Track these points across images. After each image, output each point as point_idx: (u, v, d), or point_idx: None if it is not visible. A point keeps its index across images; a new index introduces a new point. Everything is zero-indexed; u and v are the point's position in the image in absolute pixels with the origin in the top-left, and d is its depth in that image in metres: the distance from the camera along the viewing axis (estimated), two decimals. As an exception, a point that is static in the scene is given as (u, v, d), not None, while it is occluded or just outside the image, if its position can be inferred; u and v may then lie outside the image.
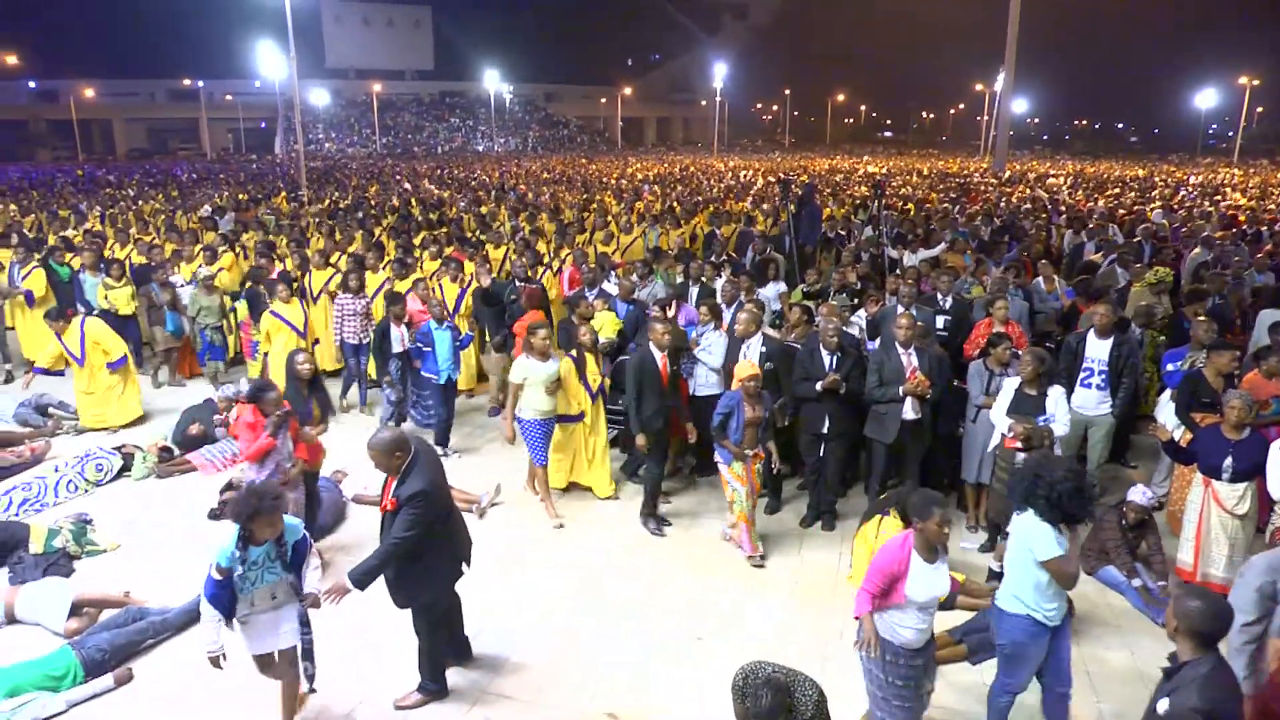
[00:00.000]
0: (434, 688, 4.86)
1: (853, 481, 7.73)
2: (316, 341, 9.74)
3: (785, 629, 5.64)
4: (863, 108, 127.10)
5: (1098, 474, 7.06)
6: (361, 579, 4.30)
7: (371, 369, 9.52)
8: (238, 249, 13.06)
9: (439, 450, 7.22)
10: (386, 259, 11.18)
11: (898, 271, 10.31)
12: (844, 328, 7.29)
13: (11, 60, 58.70)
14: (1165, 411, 6.87)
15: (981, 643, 5.19)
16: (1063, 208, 20.12)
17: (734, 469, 6.32)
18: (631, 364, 6.71)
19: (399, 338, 8.68)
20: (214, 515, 7.11)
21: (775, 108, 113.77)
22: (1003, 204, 21.57)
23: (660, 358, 6.71)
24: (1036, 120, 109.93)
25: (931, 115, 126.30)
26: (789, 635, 5.56)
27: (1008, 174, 36.58)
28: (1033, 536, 4.08)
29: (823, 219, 14.21)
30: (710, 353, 7.51)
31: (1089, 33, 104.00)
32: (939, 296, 8.60)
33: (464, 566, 4.82)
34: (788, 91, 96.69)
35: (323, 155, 61.07)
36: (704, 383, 7.55)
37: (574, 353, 7.33)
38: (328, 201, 22.17)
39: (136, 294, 10.67)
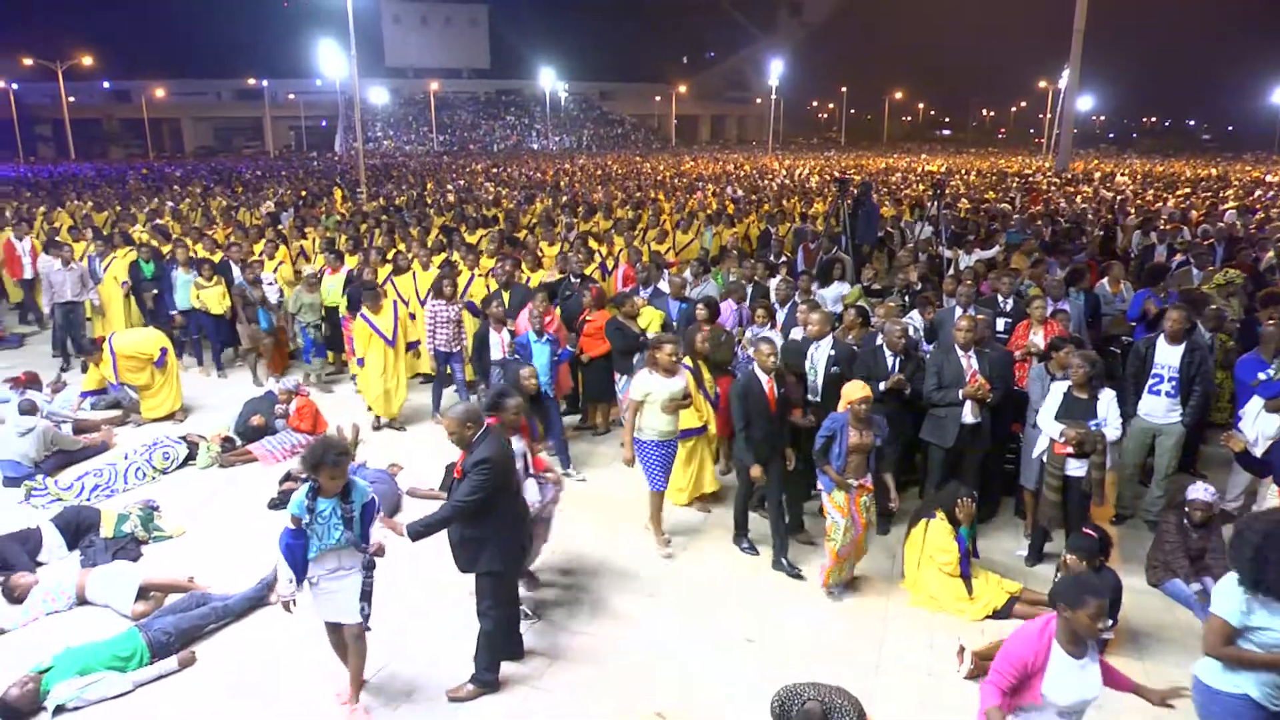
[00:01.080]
0: (489, 678, 4.91)
1: (907, 485, 7.60)
2: (414, 344, 9.61)
3: (836, 634, 5.57)
4: (920, 105, 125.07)
5: (1166, 484, 6.84)
6: (417, 531, 4.56)
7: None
8: (295, 245, 13.37)
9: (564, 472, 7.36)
10: (440, 256, 11.28)
11: (952, 272, 10.12)
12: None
13: (88, 61, 60.74)
14: (1259, 422, 6.45)
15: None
16: (1130, 208, 19.53)
17: (834, 498, 5.77)
18: (736, 390, 6.16)
19: (499, 344, 8.22)
20: (274, 505, 7.28)
21: (831, 105, 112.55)
22: (1065, 204, 21.03)
23: (766, 381, 6.13)
24: (1102, 118, 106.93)
25: (992, 113, 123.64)
26: (840, 640, 5.49)
27: (1071, 173, 35.66)
28: (1224, 590, 3.58)
29: (879, 218, 14.02)
30: (764, 353, 7.45)
31: (1158, 26, 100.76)
32: (999, 298, 8.42)
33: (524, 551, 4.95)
34: (844, 89, 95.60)
35: (381, 153, 62.10)
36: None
37: (689, 361, 7.03)
38: (384, 199, 22.54)
39: (228, 293, 10.71)
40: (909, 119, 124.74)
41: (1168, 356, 6.68)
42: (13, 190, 27.16)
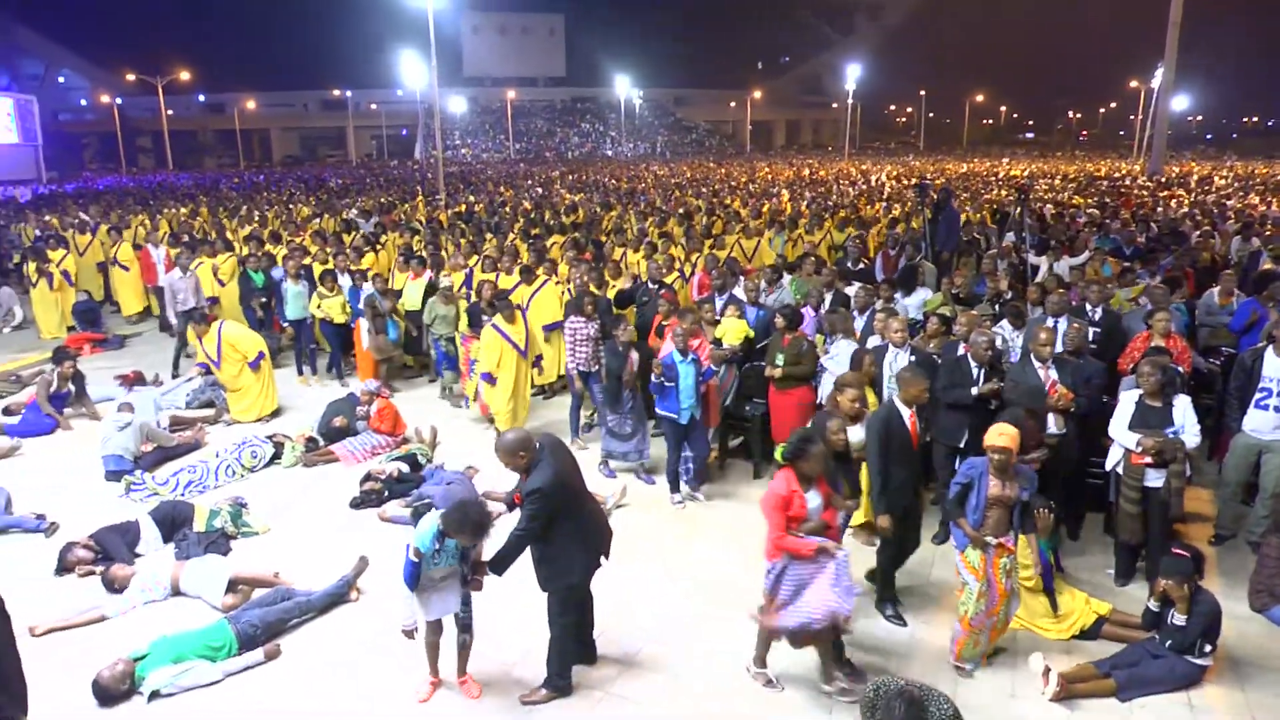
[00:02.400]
0: (560, 683, 4.94)
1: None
2: (540, 357, 9.45)
3: (912, 646, 5.44)
4: (1003, 108, 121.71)
5: (1271, 504, 6.48)
6: (495, 565, 4.72)
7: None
8: (379, 250, 13.73)
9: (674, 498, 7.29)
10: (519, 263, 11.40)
11: (1037, 280, 9.80)
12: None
13: (185, 76, 63.71)
14: None
15: (1133, 679, 4.87)
16: (1230, 213, 18.63)
17: (968, 557, 4.99)
18: (874, 425, 5.45)
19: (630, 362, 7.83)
20: (355, 504, 7.46)
21: (909, 109, 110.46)
22: (1160, 209, 20.19)
23: (909, 415, 5.47)
24: (1199, 118, 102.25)
25: (1078, 115, 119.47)
26: (915, 652, 5.36)
27: (1165, 177, 34.22)
28: None
29: (960, 224, 13.68)
30: (838, 362, 7.35)
31: (1260, 18, 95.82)
32: (1088, 307, 8.12)
33: (602, 559, 4.94)
34: (922, 92, 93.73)
35: (459, 161, 63.42)
36: (830, 392, 7.43)
37: None
38: (463, 205, 22.99)
39: (346, 304, 10.78)
40: (990, 122, 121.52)
41: (1277, 369, 6.33)
42: (116, 199, 28.58)
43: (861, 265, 11.23)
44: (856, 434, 5.53)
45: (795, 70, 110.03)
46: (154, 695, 4.95)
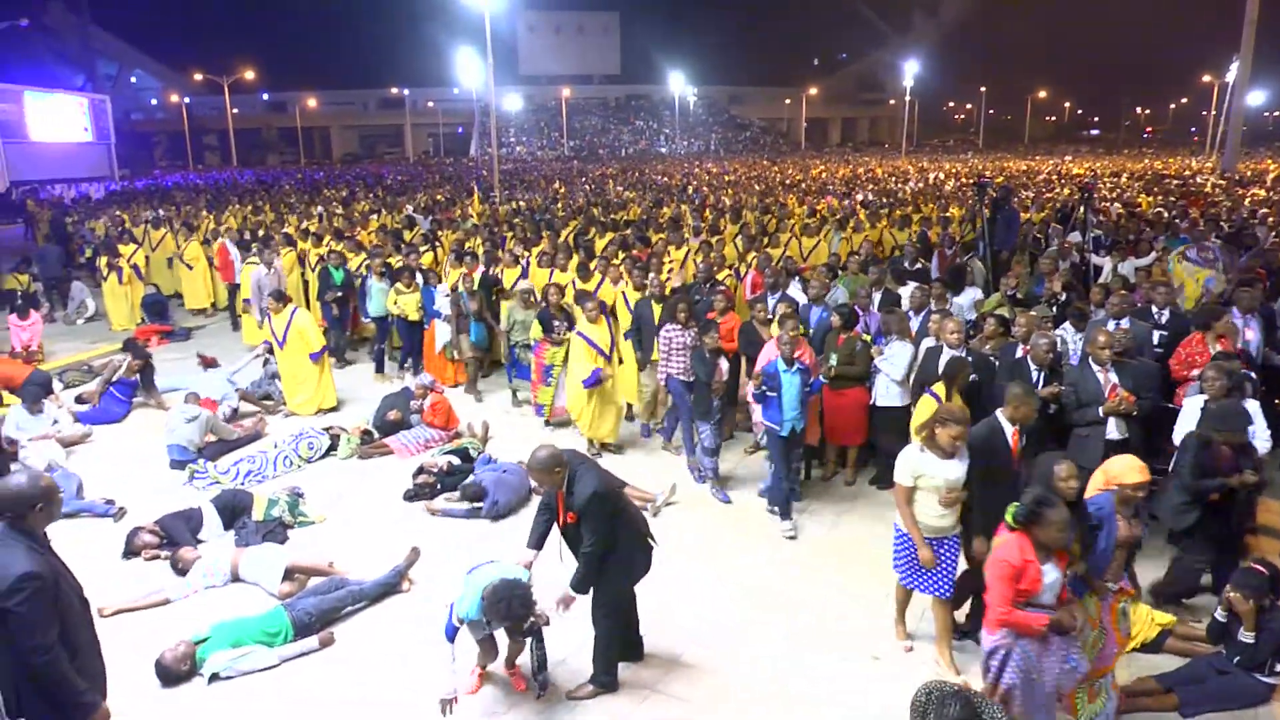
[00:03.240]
0: (606, 680, 4.96)
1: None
2: (621, 361, 8.95)
3: (968, 658, 5.33)
4: (1066, 104, 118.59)
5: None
6: (579, 586, 4.69)
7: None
8: (435, 247, 13.93)
9: (786, 525, 6.87)
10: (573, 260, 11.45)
11: (1100, 281, 9.53)
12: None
13: (250, 75, 65.43)
14: None
15: (1197, 695, 4.71)
16: (1307, 212, 17.88)
17: (1086, 605, 4.36)
18: (974, 443, 5.02)
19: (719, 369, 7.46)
20: (408, 496, 7.59)
21: (969, 106, 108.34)
22: (1231, 207, 19.46)
23: (1012, 433, 5.12)
24: (1277, 114, 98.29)
25: (1147, 111, 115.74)
26: (971, 664, 5.25)
27: (1238, 175, 32.99)
28: None
29: (1020, 223, 13.37)
30: (893, 363, 7.24)
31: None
32: (1154, 310, 7.87)
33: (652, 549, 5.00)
34: (983, 89, 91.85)
35: (514, 158, 63.99)
36: (884, 394, 7.32)
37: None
38: (517, 203, 23.19)
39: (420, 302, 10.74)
40: (1052, 119, 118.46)
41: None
42: (184, 196, 29.48)
43: (919, 265, 11.03)
44: (955, 470, 4.90)
45: (852, 67, 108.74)
46: (213, 677, 5.11)
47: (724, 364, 7.43)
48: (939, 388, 6.08)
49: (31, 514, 3.45)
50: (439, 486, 7.64)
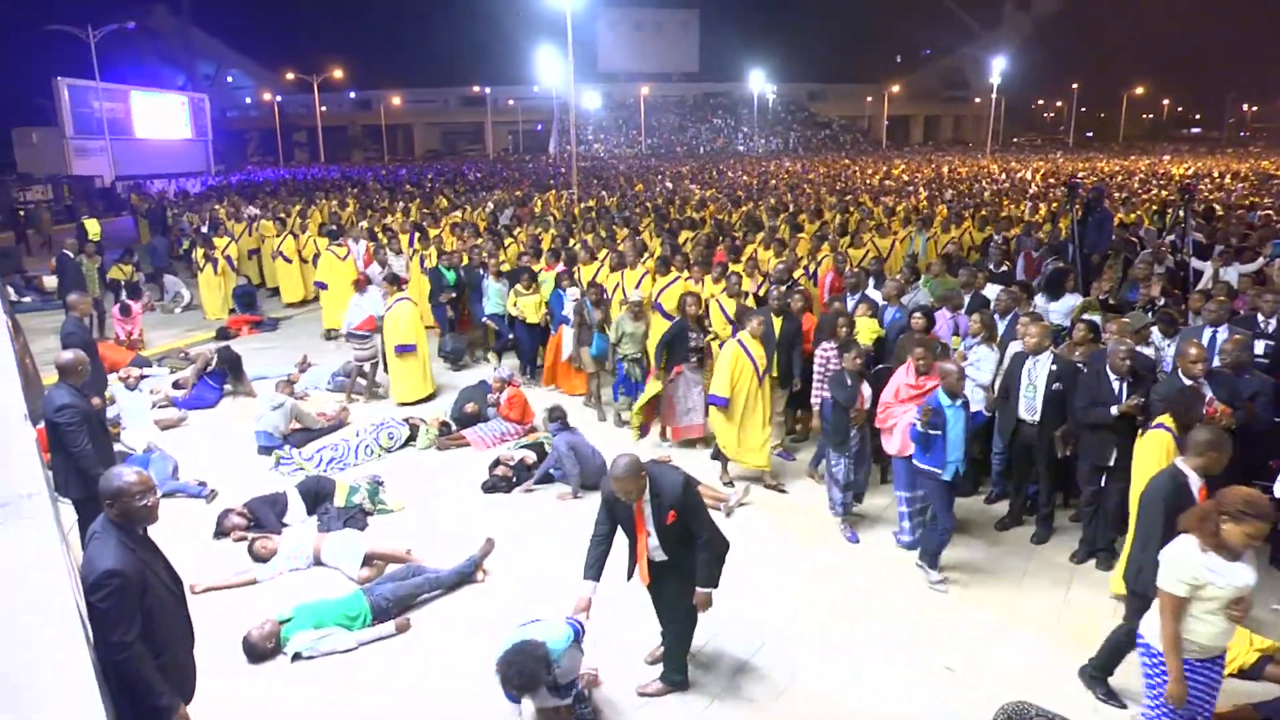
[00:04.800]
0: (678, 679, 4.96)
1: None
2: (768, 371, 7.80)
3: (1043, 670, 5.16)
4: (1165, 101, 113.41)
5: None
6: (712, 579, 4.67)
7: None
8: (509, 242, 14.12)
9: (935, 576, 6.16)
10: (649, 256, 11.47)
11: (1200, 287, 9.09)
12: (1139, 348, 6.53)
13: (338, 74, 67.44)
14: None
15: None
16: None
17: None
18: (1156, 495, 4.52)
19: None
20: (487, 488, 7.73)
21: (1059, 103, 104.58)
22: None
23: (1198, 487, 4.54)
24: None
25: (1254, 108, 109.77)
26: (1046, 677, 5.08)
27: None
28: None
29: (1113, 226, 12.85)
30: (979, 368, 7.04)
31: None
32: (1259, 318, 7.47)
33: None
34: (1075, 85, 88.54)
35: (591, 156, 64.41)
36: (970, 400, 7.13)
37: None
38: (594, 200, 23.34)
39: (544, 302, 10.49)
40: (1150, 116, 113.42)
41: None
42: (280, 190, 30.56)
43: (1004, 268, 10.71)
44: (1246, 576, 3.92)
45: (936, 63, 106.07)
46: (296, 656, 5.29)
47: (866, 390, 6.72)
48: (1168, 420, 5.26)
49: (133, 509, 3.50)
50: (515, 479, 7.76)
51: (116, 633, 3.26)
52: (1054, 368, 6.41)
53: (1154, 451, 5.16)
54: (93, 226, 18.35)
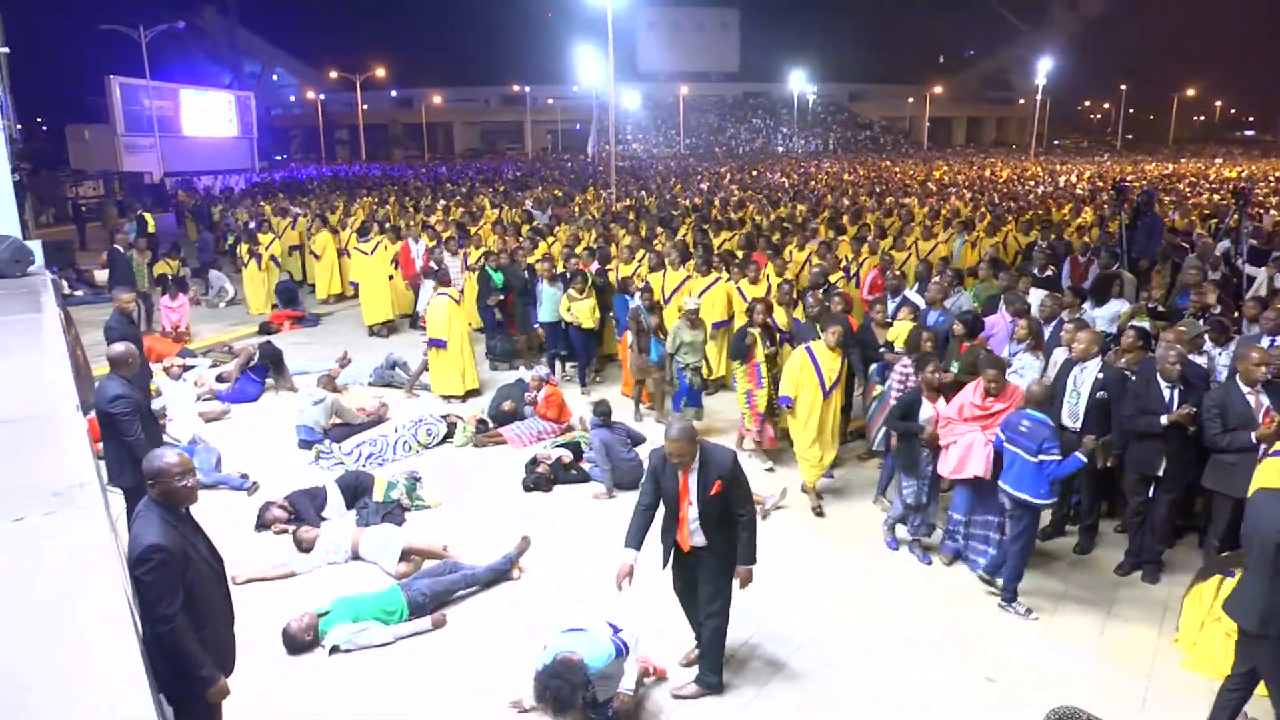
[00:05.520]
0: (714, 680, 4.94)
1: (1183, 531, 6.76)
2: (836, 384, 7.34)
3: (1087, 684, 5.06)
4: (1218, 102, 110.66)
5: None
6: (753, 555, 4.77)
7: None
8: (550, 241, 14.17)
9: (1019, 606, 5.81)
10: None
11: (1253, 294, 8.84)
12: (1191, 356, 6.36)
13: (380, 73, 68.26)
14: None
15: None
16: None
17: None
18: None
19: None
20: (528, 487, 7.76)
21: (1106, 105, 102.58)
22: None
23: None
24: None
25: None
26: (1091, 691, 4.97)
27: None
28: None
29: (1163, 231, 12.56)
30: (1022, 375, 6.92)
31: None
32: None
33: None
34: (1123, 86, 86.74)
35: (630, 155, 64.47)
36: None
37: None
38: (632, 200, 23.35)
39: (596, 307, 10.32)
40: (1201, 118, 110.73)
41: None
42: (320, 188, 31.01)
43: (1049, 272, 10.51)
44: None
45: (980, 64, 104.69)
46: (334, 650, 5.34)
47: (941, 406, 6.31)
48: None
49: (174, 489, 3.61)
50: (555, 478, 7.79)
51: (161, 605, 3.36)
52: (1100, 375, 6.27)
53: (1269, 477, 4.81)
54: (151, 221, 18.88)
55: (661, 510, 4.82)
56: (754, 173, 38.46)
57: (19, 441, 4.01)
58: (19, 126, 20.19)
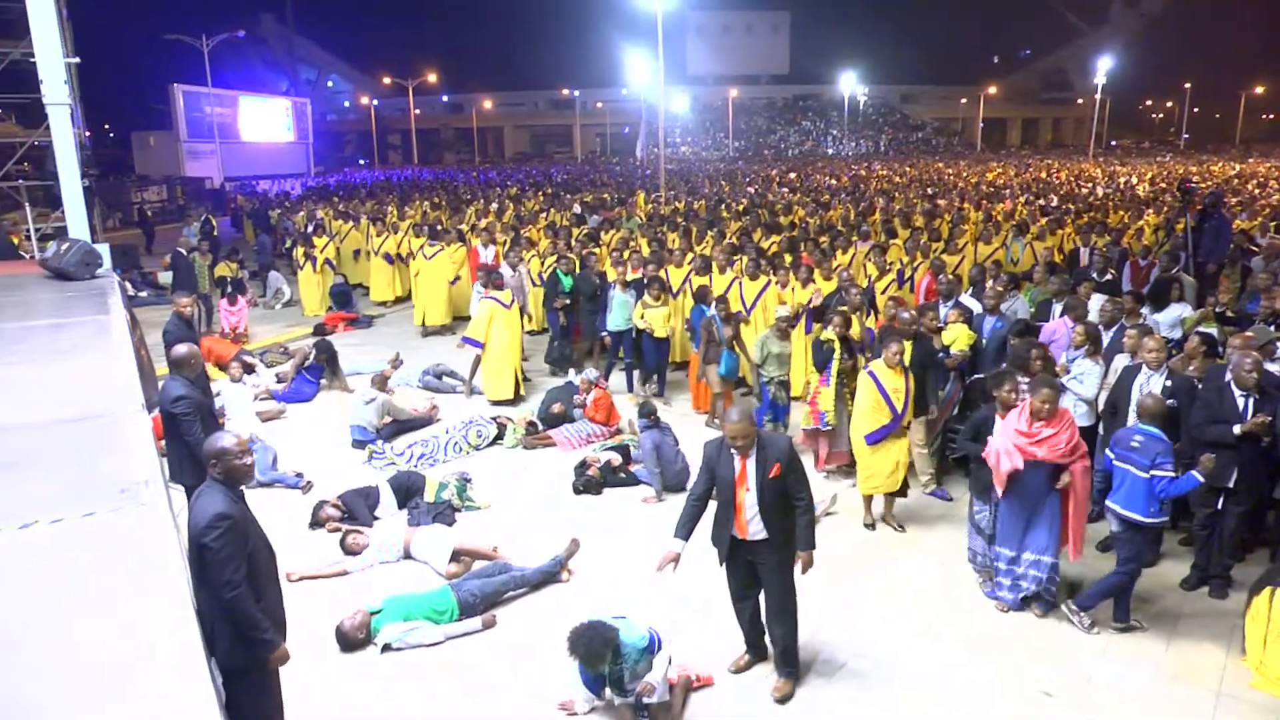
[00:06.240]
0: (794, 670, 5.03)
1: (1256, 546, 6.51)
2: (905, 407, 6.84)
3: (1150, 701, 4.90)
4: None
5: None
6: (811, 543, 4.84)
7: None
8: (601, 245, 14.22)
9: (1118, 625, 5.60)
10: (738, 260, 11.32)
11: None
12: (1265, 364, 6.13)
13: (432, 78, 69.27)
14: None
15: None
16: None
17: None
18: None
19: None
20: (578, 490, 7.77)
21: (1169, 104, 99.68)
22: None
23: None
24: None
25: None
26: (1153, 709, 4.82)
27: None
28: None
29: (1231, 233, 12.15)
30: (1081, 381, 6.74)
31: None
32: (1397, 333, 6.94)
33: None
34: (1187, 85, 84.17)
35: (678, 158, 64.46)
36: (1071, 413, 6.82)
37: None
38: (681, 203, 23.32)
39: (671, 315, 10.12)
40: (1270, 117, 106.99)
41: None
42: (370, 191, 31.55)
43: (1109, 276, 10.24)
44: None
45: (1036, 64, 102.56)
46: (386, 648, 5.40)
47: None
48: None
49: (234, 467, 3.78)
50: (605, 481, 7.81)
51: (228, 570, 3.52)
52: (1169, 383, 6.08)
53: None
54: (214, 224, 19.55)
55: (713, 508, 4.83)
56: (799, 176, 38.10)
57: (88, 439, 4.14)
58: (88, 133, 20.83)
